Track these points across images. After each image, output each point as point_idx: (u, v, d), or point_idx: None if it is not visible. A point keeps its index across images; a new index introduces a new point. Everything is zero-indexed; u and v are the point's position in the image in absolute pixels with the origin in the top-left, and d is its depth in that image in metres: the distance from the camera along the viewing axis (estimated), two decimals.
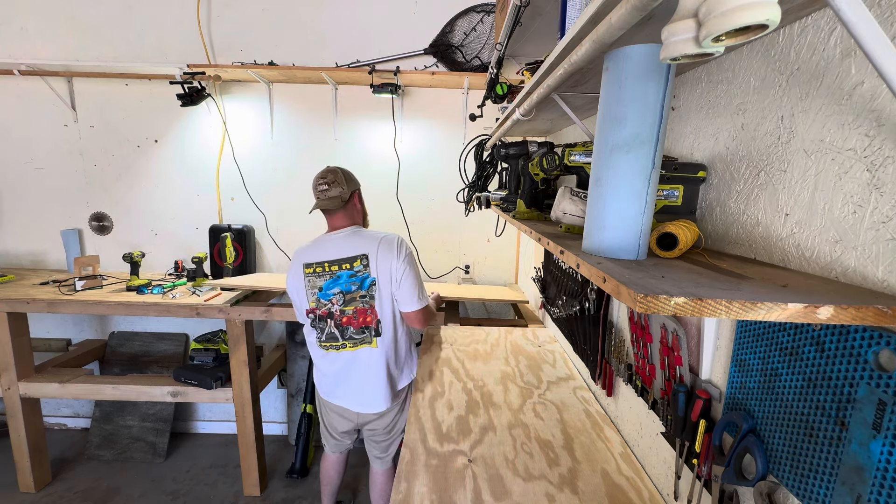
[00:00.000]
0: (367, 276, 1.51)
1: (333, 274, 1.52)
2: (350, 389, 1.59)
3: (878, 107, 0.49)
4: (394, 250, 1.51)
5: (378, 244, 1.51)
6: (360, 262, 1.51)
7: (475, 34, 2.37)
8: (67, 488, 2.29)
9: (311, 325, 1.56)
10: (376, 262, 1.50)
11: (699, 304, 0.42)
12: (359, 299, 1.52)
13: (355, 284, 1.51)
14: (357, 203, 1.63)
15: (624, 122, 0.58)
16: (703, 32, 0.36)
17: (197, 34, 2.40)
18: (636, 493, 0.95)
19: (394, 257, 1.51)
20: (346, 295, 1.52)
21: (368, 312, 1.53)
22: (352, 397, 1.60)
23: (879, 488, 0.46)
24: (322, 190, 1.53)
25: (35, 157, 2.55)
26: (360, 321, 1.53)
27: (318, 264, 1.53)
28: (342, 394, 1.61)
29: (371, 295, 1.52)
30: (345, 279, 1.51)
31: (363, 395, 1.58)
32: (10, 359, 2.10)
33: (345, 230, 1.57)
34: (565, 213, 0.85)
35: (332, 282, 1.52)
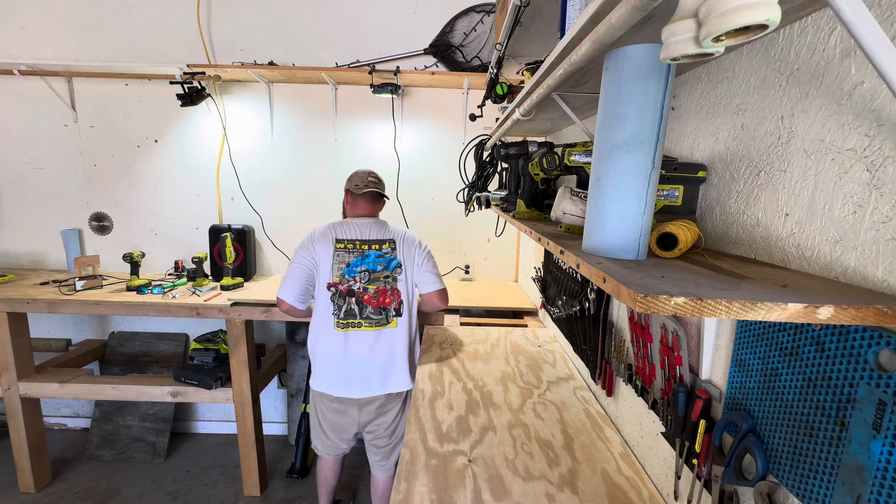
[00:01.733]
0: (394, 258, 1.64)
1: (363, 252, 1.62)
2: (367, 372, 1.61)
3: (878, 107, 0.49)
4: (415, 241, 1.71)
5: (402, 234, 1.70)
6: (388, 245, 1.65)
7: (475, 34, 2.37)
8: (67, 488, 2.29)
9: (330, 300, 1.60)
10: (402, 248, 1.66)
11: (699, 304, 0.42)
12: (382, 279, 1.62)
13: (381, 265, 1.63)
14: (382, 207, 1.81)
15: (624, 122, 0.58)
16: (703, 32, 0.36)
17: (197, 34, 2.40)
18: (636, 493, 0.95)
19: (416, 246, 1.70)
20: (371, 273, 1.61)
21: (389, 293, 1.63)
22: (369, 381, 1.61)
23: (879, 488, 0.46)
24: (373, 182, 1.71)
25: (35, 157, 2.55)
26: (380, 301, 1.61)
27: (350, 241, 1.62)
28: (353, 381, 1.61)
29: (395, 277, 1.64)
30: (372, 258, 1.62)
31: (377, 376, 1.61)
32: (10, 359, 2.10)
33: (371, 218, 1.71)
34: (565, 213, 0.85)
35: (359, 259, 1.61)
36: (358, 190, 1.68)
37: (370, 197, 1.70)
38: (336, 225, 1.66)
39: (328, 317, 1.61)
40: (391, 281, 1.62)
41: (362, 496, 2.30)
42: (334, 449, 1.78)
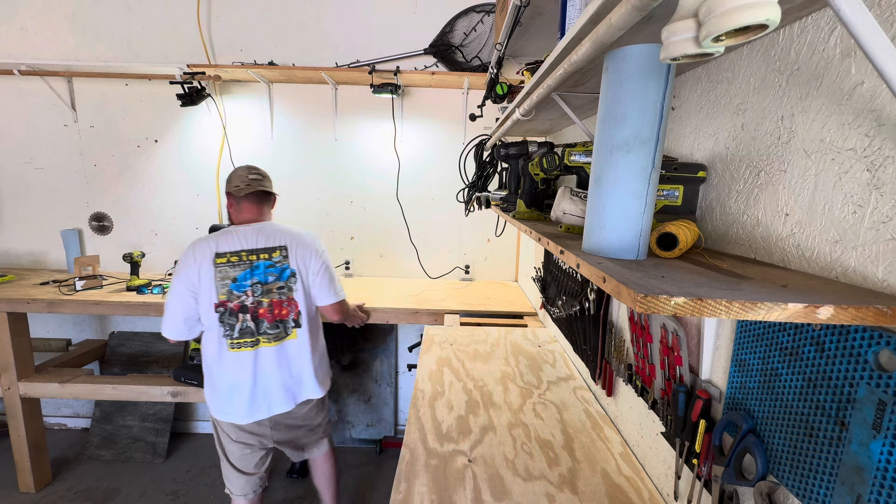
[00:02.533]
0: (287, 266, 1.51)
1: (251, 264, 1.48)
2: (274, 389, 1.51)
3: (878, 107, 0.49)
4: (310, 244, 1.56)
5: (294, 237, 1.55)
6: (278, 252, 1.50)
7: (475, 34, 2.37)
8: (67, 488, 2.29)
9: (220, 321, 1.46)
10: (294, 254, 1.52)
11: (699, 304, 0.42)
12: (276, 291, 1.50)
13: (273, 275, 1.50)
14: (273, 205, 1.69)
15: (624, 122, 0.58)
16: (703, 32, 0.36)
17: (197, 34, 2.40)
18: (636, 493, 0.95)
19: (310, 251, 1.55)
20: (263, 286, 1.49)
21: (285, 304, 1.52)
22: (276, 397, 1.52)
23: (879, 488, 0.46)
24: (256, 179, 1.56)
25: (35, 157, 2.55)
26: (276, 314, 1.50)
27: (234, 253, 1.47)
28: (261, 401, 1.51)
29: (290, 287, 1.52)
30: (262, 269, 1.49)
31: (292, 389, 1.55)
32: (10, 359, 2.10)
33: (256, 224, 1.55)
34: (565, 213, 0.85)
35: (248, 272, 1.47)
36: (239, 192, 1.53)
37: (255, 198, 1.55)
38: (217, 236, 1.49)
39: (220, 340, 1.47)
40: (286, 291, 1.50)
41: (370, 500, 2.30)
42: (252, 484, 1.63)
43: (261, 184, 1.56)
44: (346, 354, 2.66)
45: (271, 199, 1.65)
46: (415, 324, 2.16)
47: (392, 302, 2.14)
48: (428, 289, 2.42)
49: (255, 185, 1.55)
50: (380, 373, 2.67)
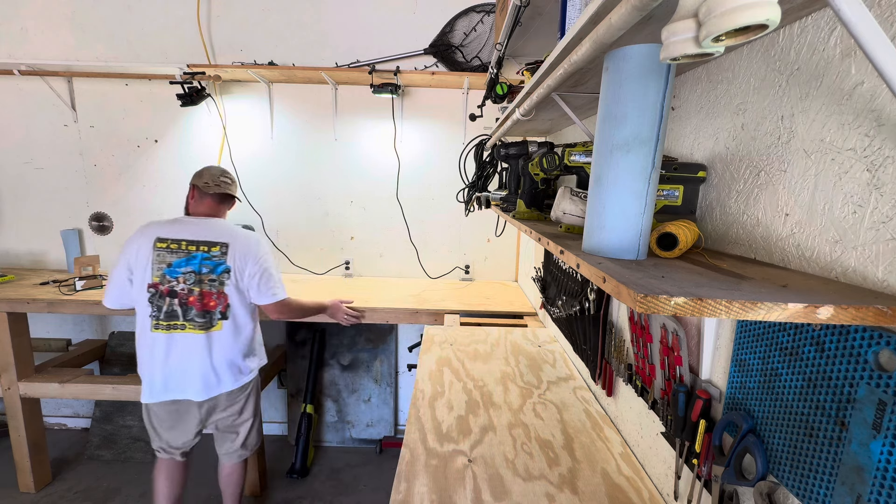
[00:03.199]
0: (223, 262, 1.60)
1: (189, 253, 1.57)
2: (196, 375, 1.59)
3: (878, 107, 0.49)
4: (250, 247, 1.64)
5: (237, 238, 1.63)
6: (218, 248, 1.60)
7: (475, 34, 2.37)
8: (67, 488, 2.29)
9: (149, 301, 1.55)
10: (233, 253, 1.60)
11: (699, 304, 0.42)
12: (207, 282, 1.58)
13: (207, 268, 1.58)
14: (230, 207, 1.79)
15: (624, 122, 0.58)
16: (703, 32, 0.36)
17: (197, 34, 2.40)
18: (636, 493, 0.95)
19: (250, 253, 1.63)
20: (196, 275, 1.57)
21: (214, 297, 1.59)
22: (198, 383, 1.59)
23: (879, 488, 0.46)
24: (225, 182, 1.70)
25: (35, 157, 2.55)
26: (204, 304, 1.58)
27: (175, 241, 1.57)
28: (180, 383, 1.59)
29: (221, 281, 1.60)
30: (199, 260, 1.58)
31: (214, 377, 1.61)
32: (10, 359, 2.10)
33: (213, 219, 1.67)
34: (565, 213, 0.85)
35: (184, 260, 1.57)
36: (208, 189, 1.66)
37: (218, 198, 1.69)
38: (166, 223, 1.61)
39: (146, 319, 1.56)
40: (217, 284, 1.58)
41: (363, 497, 2.30)
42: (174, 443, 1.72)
43: (229, 187, 1.70)
44: (346, 354, 2.66)
45: (230, 204, 1.76)
46: (415, 324, 2.16)
47: (392, 302, 2.14)
48: (428, 289, 2.42)
49: (224, 188, 1.68)
50: (380, 373, 2.67)
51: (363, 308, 2.07)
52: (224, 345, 1.62)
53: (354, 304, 2.06)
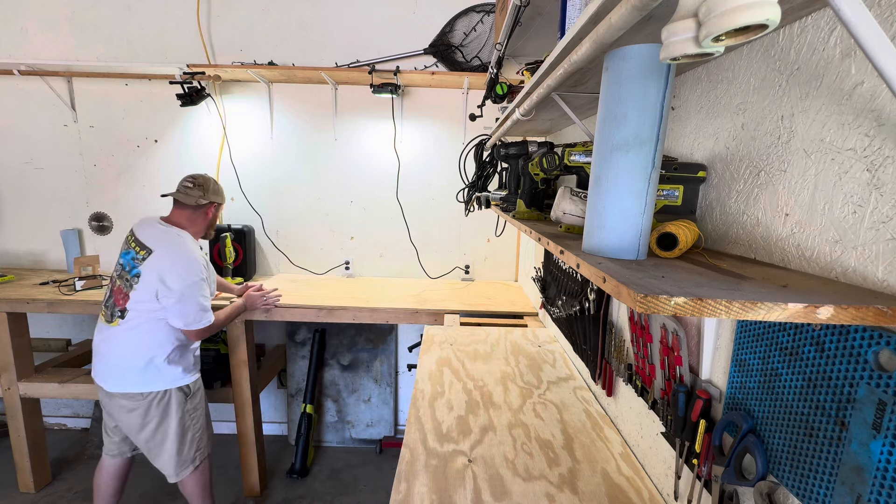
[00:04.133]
0: (137, 267, 1.61)
1: (129, 247, 1.66)
2: (100, 361, 1.65)
3: (878, 107, 0.49)
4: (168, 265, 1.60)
5: (164, 250, 1.62)
6: (143, 252, 1.62)
7: (475, 34, 2.37)
8: (67, 488, 2.29)
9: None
10: (149, 264, 1.60)
11: (699, 304, 0.42)
12: (122, 279, 1.63)
13: (129, 266, 1.63)
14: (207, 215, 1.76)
15: (624, 122, 0.58)
16: (703, 32, 0.36)
17: (197, 34, 2.40)
18: (636, 493, 0.95)
19: (167, 272, 1.59)
20: (121, 269, 1.64)
21: (122, 296, 1.62)
22: (101, 370, 1.65)
23: (879, 488, 0.46)
24: (186, 186, 1.71)
25: (35, 157, 2.55)
26: (115, 299, 1.64)
27: (133, 234, 1.67)
28: (96, 366, 1.66)
29: (131, 284, 1.61)
30: (128, 257, 1.64)
31: (108, 368, 1.63)
32: (10, 359, 2.10)
33: (170, 227, 1.69)
34: (565, 213, 0.85)
35: (125, 253, 1.66)
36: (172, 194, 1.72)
37: (175, 202, 1.72)
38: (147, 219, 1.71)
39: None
40: (127, 285, 1.61)
41: (362, 496, 2.30)
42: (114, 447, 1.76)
43: (186, 191, 1.69)
44: (346, 354, 2.66)
45: (189, 209, 1.72)
46: (415, 324, 2.16)
47: (392, 302, 2.14)
48: (428, 289, 2.42)
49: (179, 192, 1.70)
50: (380, 373, 2.67)
51: (363, 308, 2.08)
52: (116, 342, 1.62)
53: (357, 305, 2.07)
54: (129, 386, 1.62)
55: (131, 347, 1.61)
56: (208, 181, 1.74)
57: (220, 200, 1.78)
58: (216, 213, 1.79)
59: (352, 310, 2.08)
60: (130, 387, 1.62)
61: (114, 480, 1.79)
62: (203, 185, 1.72)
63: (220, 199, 1.79)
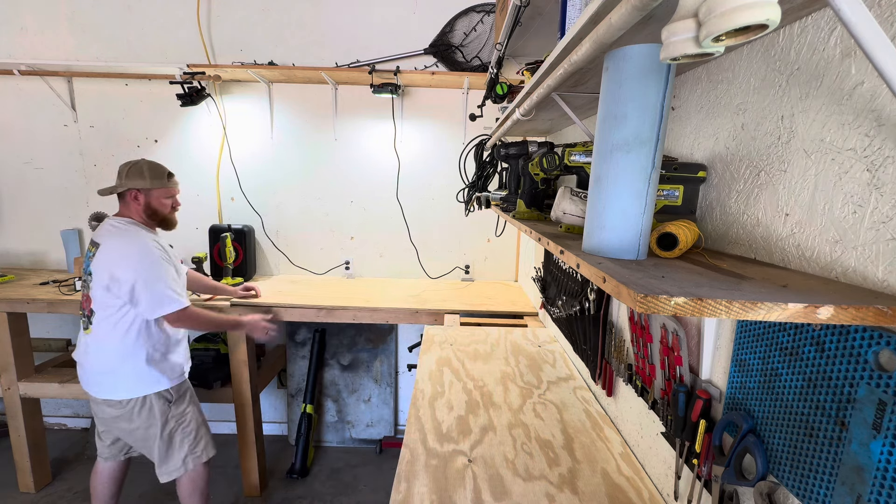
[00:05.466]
0: (89, 265, 1.58)
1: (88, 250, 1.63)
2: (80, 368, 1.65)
3: (878, 107, 0.49)
4: (115, 257, 1.52)
5: (106, 241, 1.56)
6: (93, 249, 1.58)
7: (475, 34, 2.37)
8: (67, 488, 2.29)
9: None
10: (97, 259, 1.55)
11: (699, 304, 0.42)
12: (84, 284, 1.62)
13: (87, 267, 1.60)
14: (133, 201, 1.62)
15: (624, 122, 0.58)
16: (703, 32, 0.36)
17: (197, 34, 2.40)
18: (636, 493, 0.95)
19: (115, 264, 1.51)
20: (85, 274, 1.61)
21: (86, 299, 1.60)
22: (83, 377, 1.65)
23: (879, 488, 0.46)
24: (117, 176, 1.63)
25: (35, 157, 2.55)
26: (83, 304, 1.62)
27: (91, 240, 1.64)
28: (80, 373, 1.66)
29: (88, 284, 1.58)
30: (88, 259, 1.61)
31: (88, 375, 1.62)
32: (10, 359, 2.10)
33: (118, 219, 1.62)
34: (565, 213, 0.85)
35: (87, 260, 1.62)
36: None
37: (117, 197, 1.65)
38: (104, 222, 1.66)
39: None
40: (86, 287, 1.58)
41: (361, 496, 2.30)
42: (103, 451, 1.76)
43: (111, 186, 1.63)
44: (346, 354, 2.66)
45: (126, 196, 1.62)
46: (415, 324, 2.16)
47: (392, 302, 2.14)
48: (428, 289, 2.42)
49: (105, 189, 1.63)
50: (380, 373, 2.67)
51: (363, 308, 2.08)
52: (95, 349, 1.59)
53: (357, 305, 2.06)
54: (108, 392, 1.60)
55: (104, 353, 1.59)
56: (127, 165, 1.60)
57: (140, 186, 1.58)
58: (147, 199, 1.62)
59: (352, 310, 2.08)
60: (110, 393, 1.60)
61: (110, 483, 1.79)
62: (119, 172, 1.60)
63: (146, 183, 1.59)
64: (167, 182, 1.65)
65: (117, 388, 1.60)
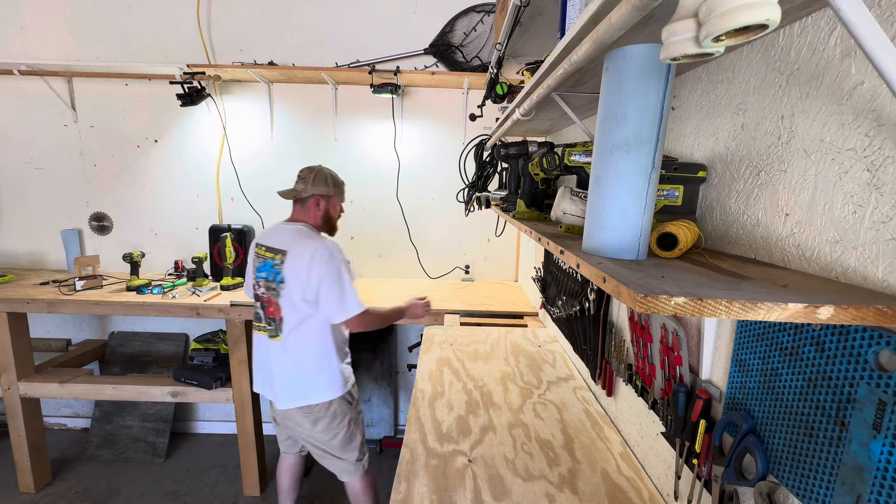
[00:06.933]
0: (279, 272, 1.56)
1: (265, 259, 1.60)
2: (265, 376, 1.65)
3: (878, 107, 0.49)
4: (307, 258, 1.50)
5: (296, 246, 1.54)
6: (279, 256, 1.56)
7: (475, 34, 2.37)
8: (67, 488, 2.29)
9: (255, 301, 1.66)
10: (289, 264, 1.53)
11: (699, 304, 0.42)
12: (270, 290, 1.58)
13: (272, 275, 1.58)
14: (315, 207, 1.64)
15: (624, 122, 0.58)
16: (703, 32, 0.36)
17: (197, 34, 2.40)
18: (636, 493, 0.95)
19: (304, 264, 1.50)
20: (266, 283, 1.59)
21: (274, 306, 1.58)
22: (267, 385, 1.65)
23: (879, 488, 0.46)
24: (295, 182, 1.65)
25: (35, 157, 2.55)
26: (270, 311, 1.59)
27: (261, 245, 1.62)
28: (260, 381, 1.68)
29: (278, 291, 1.56)
30: (269, 267, 1.58)
31: (273, 386, 1.63)
32: (10, 359, 2.10)
33: (293, 224, 1.63)
34: (565, 213, 0.85)
35: (262, 265, 1.60)
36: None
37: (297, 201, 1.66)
38: (269, 229, 1.67)
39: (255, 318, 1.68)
40: (276, 294, 1.56)
41: None
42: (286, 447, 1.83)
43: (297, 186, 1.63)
44: None
45: (306, 203, 1.64)
46: (415, 324, 2.16)
47: (392, 302, 2.14)
48: (428, 289, 2.42)
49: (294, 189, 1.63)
50: (380, 373, 2.67)
51: None
52: (281, 358, 1.58)
53: None
54: (301, 399, 1.59)
55: (300, 359, 1.57)
56: (312, 172, 1.61)
57: (326, 193, 1.63)
58: (327, 205, 1.65)
59: None
60: (303, 399, 1.59)
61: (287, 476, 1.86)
62: (304, 178, 1.61)
63: (329, 191, 1.63)
64: (342, 191, 1.71)
65: (311, 394, 1.59)
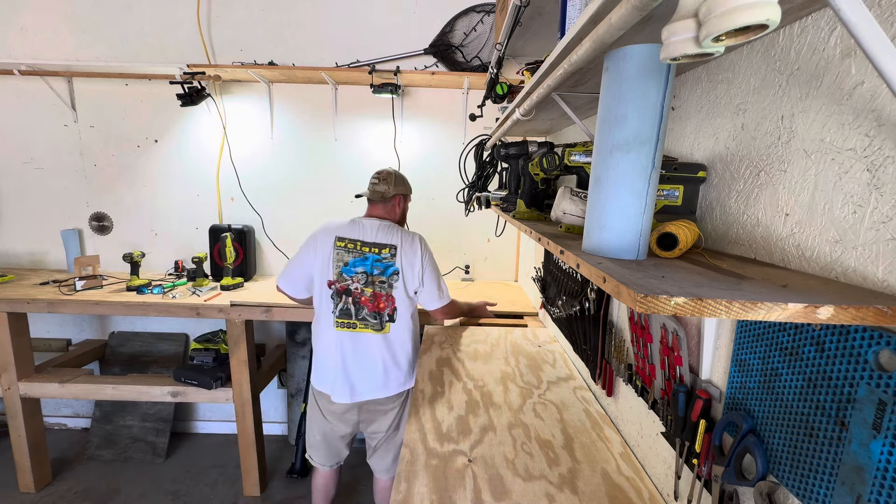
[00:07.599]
0: (392, 265, 1.62)
1: (363, 254, 1.62)
2: (357, 374, 1.61)
3: (878, 107, 0.49)
4: (418, 251, 1.65)
5: (406, 240, 1.65)
6: (388, 250, 1.63)
7: (475, 34, 2.37)
8: (67, 488, 2.29)
9: (330, 298, 1.62)
10: (402, 256, 1.62)
11: (699, 304, 0.42)
12: (378, 284, 1.61)
13: (378, 269, 1.62)
14: (397, 205, 1.75)
15: (624, 122, 0.58)
16: (703, 32, 0.36)
17: (197, 34, 2.40)
18: (636, 493, 0.95)
19: (418, 257, 1.64)
20: (368, 276, 1.61)
21: (384, 299, 1.62)
22: (364, 383, 1.62)
23: (879, 488, 0.46)
24: (373, 183, 1.72)
25: (35, 157, 2.55)
26: (375, 305, 1.61)
27: (352, 241, 1.63)
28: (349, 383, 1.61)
29: (391, 283, 1.62)
30: (371, 261, 1.62)
31: (374, 380, 1.62)
32: (10, 359, 2.10)
33: (380, 220, 1.69)
34: (565, 213, 0.85)
35: (359, 260, 1.61)
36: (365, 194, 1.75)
37: (377, 201, 1.73)
38: (342, 224, 1.67)
39: (328, 315, 1.62)
40: (387, 287, 1.61)
41: (363, 497, 2.30)
42: (331, 458, 1.77)
43: (377, 188, 1.71)
44: None
45: (389, 203, 1.73)
46: None
47: None
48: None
49: (373, 191, 1.71)
50: None
51: None
52: (390, 347, 1.63)
53: None
54: (394, 388, 1.64)
55: (403, 347, 1.65)
56: (391, 175, 1.72)
57: (405, 191, 1.77)
58: (404, 204, 1.79)
59: None
60: (394, 388, 1.64)
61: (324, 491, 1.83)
62: (385, 179, 1.71)
63: (407, 190, 1.77)
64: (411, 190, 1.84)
65: (404, 382, 1.66)
